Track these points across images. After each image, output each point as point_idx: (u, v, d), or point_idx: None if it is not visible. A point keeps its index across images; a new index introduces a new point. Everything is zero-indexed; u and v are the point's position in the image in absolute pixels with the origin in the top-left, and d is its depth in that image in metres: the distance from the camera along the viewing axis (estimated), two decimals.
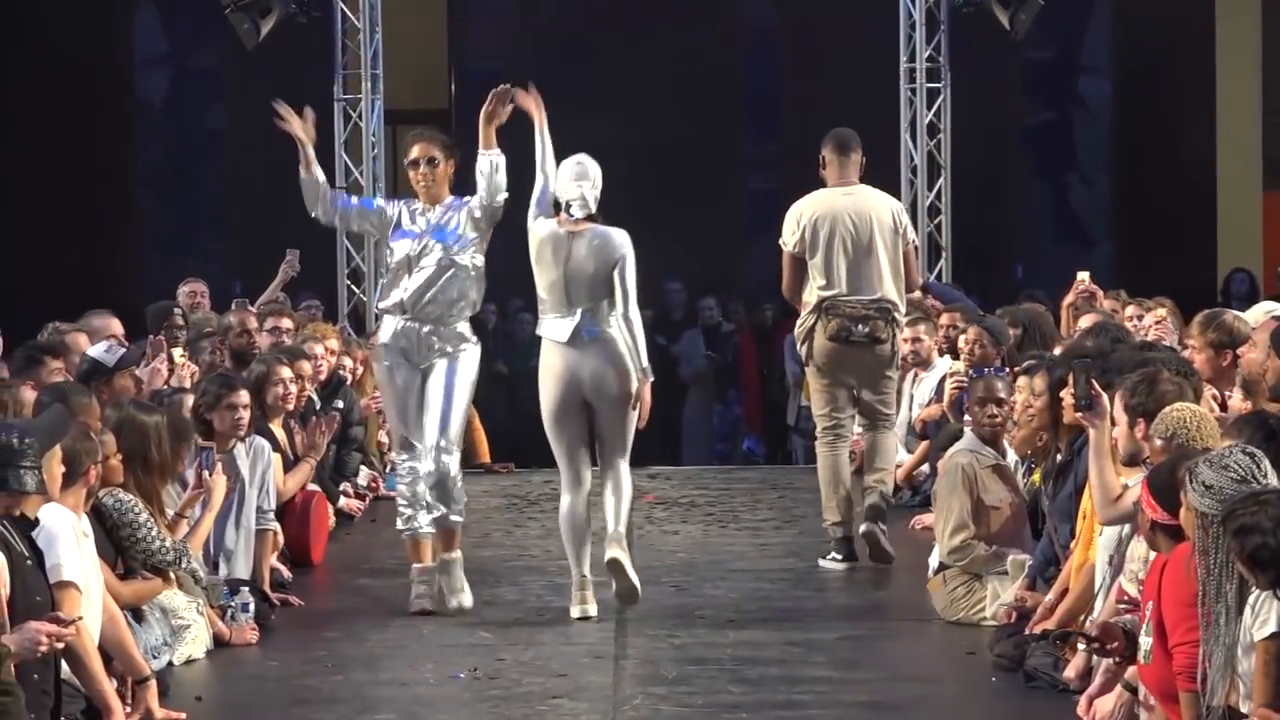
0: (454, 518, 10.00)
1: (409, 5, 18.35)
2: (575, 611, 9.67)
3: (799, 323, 11.48)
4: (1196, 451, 7.13)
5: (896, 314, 11.41)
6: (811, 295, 11.26)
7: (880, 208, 11.40)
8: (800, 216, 11.32)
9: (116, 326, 11.83)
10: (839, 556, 11.19)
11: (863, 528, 11.17)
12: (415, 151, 10.16)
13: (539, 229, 9.93)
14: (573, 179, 9.86)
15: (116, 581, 8.29)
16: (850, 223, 11.18)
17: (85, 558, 7.64)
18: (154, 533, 8.62)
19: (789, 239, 11.36)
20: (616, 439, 9.94)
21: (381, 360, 10.39)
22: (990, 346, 11.89)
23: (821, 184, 11.51)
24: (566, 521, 9.85)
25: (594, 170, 9.98)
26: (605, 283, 9.81)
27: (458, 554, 10.06)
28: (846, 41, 18.15)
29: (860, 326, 11.07)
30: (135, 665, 7.96)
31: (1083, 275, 14.30)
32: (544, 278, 9.95)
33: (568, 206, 9.80)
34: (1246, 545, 5.83)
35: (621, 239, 9.88)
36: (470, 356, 10.18)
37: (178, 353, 11.04)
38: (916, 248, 12.05)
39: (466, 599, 9.91)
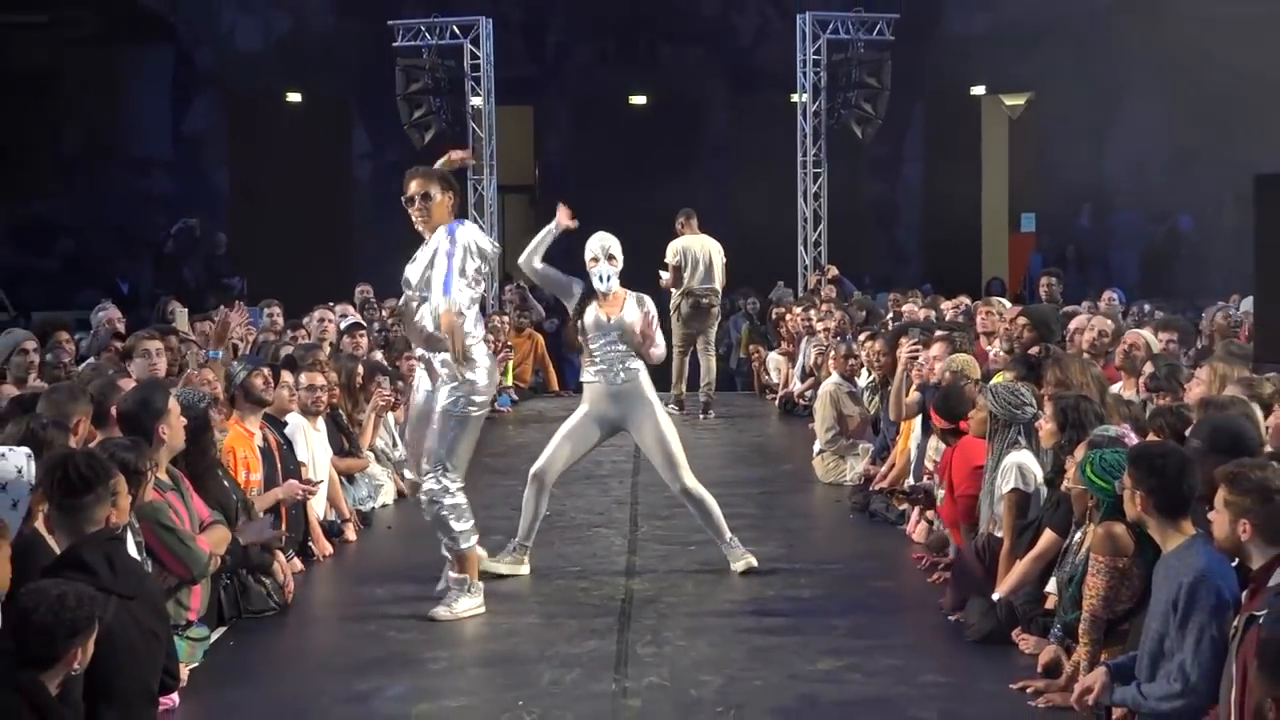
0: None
1: (511, 124, 18.27)
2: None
3: (673, 302, 12.68)
4: (967, 381, 7.24)
5: (718, 295, 13.05)
6: (680, 286, 12.64)
7: (713, 245, 12.97)
8: (678, 248, 12.72)
9: (353, 312, 12.34)
10: (675, 409, 12.26)
11: (703, 398, 12.93)
12: (412, 188, 6.44)
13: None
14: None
15: (336, 459, 8.38)
16: (700, 251, 12.69)
17: (306, 444, 7.76)
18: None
19: (673, 258, 12.64)
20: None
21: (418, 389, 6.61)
22: (848, 324, 12.04)
23: (676, 234, 12.88)
24: None
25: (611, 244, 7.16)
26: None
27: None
28: (769, 146, 18.05)
29: (705, 300, 12.74)
30: (340, 511, 8.05)
31: (829, 266, 15.94)
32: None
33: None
34: (1060, 410, 5.83)
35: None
36: (451, 391, 6.29)
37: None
38: (725, 263, 13.08)
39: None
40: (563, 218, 7.07)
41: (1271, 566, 4.12)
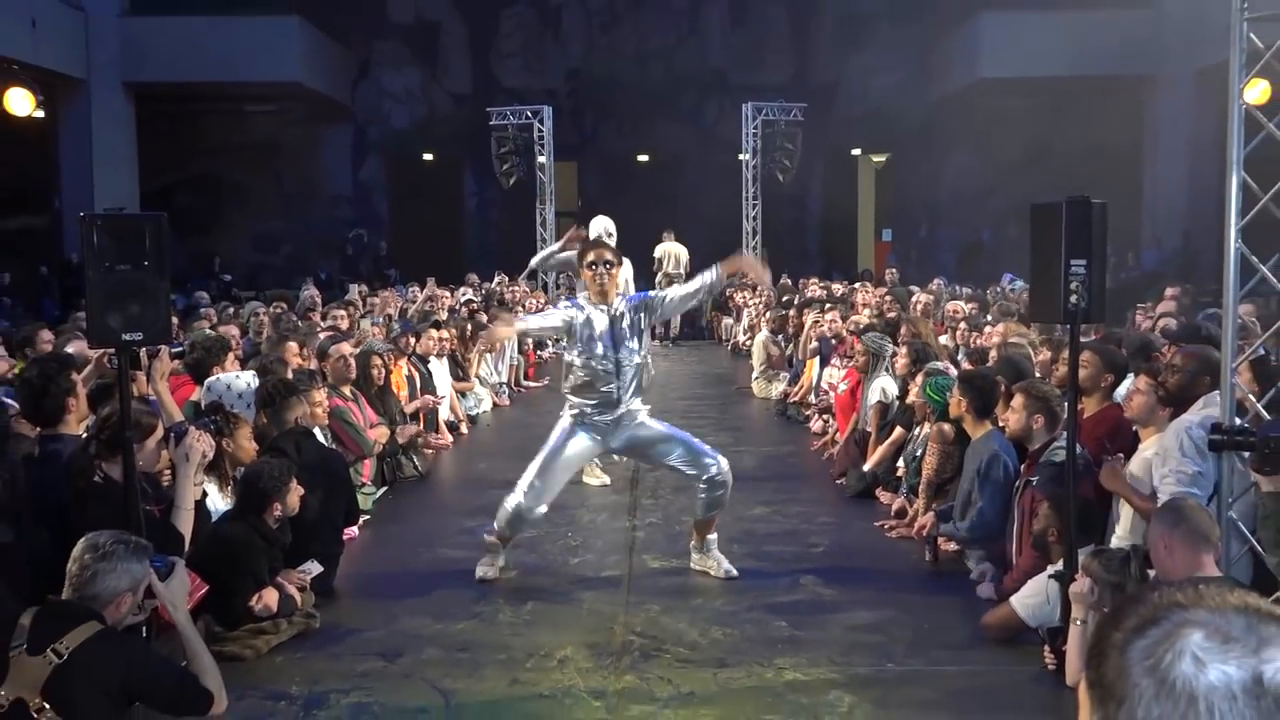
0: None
1: (563, 173, 17.97)
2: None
3: (657, 280, 13.36)
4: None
5: (684, 278, 12.67)
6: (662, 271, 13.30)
7: (680, 249, 13.89)
8: (662, 249, 13.82)
9: (470, 292, 12.09)
10: (657, 344, 13.04)
11: (671, 334, 14.22)
12: (592, 255, 4.45)
13: None
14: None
15: (454, 383, 8.29)
16: (674, 251, 13.69)
17: (437, 374, 7.61)
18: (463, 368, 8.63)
19: (659, 254, 13.66)
20: None
21: (568, 417, 4.53)
22: (776, 300, 11.88)
23: (660, 241, 13.82)
24: None
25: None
26: None
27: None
28: (724, 187, 17.72)
29: (676, 281, 13.06)
30: (457, 416, 7.94)
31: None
32: None
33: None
34: (911, 350, 5.75)
35: None
36: (643, 403, 4.64)
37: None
38: (688, 259, 13.62)
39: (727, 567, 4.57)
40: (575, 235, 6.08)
41: (1044, 448, 4.08)
